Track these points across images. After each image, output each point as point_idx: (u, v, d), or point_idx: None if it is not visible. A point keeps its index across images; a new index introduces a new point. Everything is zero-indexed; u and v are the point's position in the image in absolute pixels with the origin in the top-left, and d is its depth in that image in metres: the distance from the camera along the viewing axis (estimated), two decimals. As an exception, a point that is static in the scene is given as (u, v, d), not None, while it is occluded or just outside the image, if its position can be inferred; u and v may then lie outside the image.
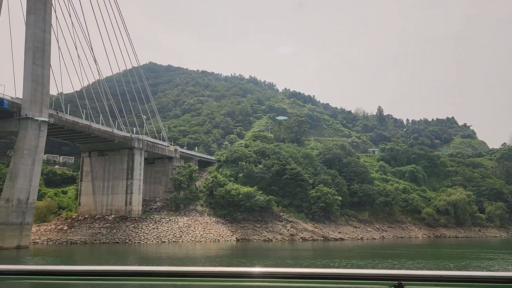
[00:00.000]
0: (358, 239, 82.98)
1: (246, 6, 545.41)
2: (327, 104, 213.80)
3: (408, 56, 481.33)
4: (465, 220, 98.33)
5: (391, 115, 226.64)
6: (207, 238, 72.96)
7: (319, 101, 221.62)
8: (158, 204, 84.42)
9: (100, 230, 70.90)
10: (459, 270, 2.17)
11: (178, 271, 2.16)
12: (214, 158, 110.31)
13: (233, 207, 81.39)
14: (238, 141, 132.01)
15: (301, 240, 77.79)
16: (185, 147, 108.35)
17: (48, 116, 57.61)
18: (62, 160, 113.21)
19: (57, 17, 64.59)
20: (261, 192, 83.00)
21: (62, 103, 64.64)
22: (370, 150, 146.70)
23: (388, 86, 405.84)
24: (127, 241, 68.10)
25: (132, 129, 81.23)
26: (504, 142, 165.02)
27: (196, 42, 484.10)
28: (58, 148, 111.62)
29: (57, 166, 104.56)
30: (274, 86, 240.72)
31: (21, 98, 57.58)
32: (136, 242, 67.92)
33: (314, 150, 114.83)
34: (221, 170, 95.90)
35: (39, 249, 58.93)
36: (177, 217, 77.93)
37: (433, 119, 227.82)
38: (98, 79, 75.47)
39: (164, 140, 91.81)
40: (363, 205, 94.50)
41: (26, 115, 54.67)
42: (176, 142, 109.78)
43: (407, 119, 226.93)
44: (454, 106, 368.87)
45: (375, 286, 2.14)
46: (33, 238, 63.85)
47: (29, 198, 55.00)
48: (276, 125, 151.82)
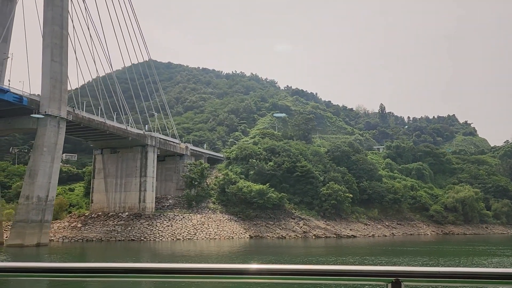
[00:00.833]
0: (369, 236, 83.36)
1: (244, 5, 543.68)
2: (329, 101, 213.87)
3: (407, 55, 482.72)
4: (473, 217, 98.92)
5: (392, 113, 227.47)
6: (221, 236, 73.00)
7: (321, 98, 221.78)
8: (170, 201, 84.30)
9: (114, 227, 70.76)
10: (456, 267, 2.18)
11: (178, 268, 2.16)
12: (222, 155, 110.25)
13: (245, 205, 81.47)
14: (243, 138, 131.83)
15: (314, 237, 78.01)
16: (191, 145, 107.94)
17: (66, 113, 57.34)
18: (65, 157, 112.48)
19: (70, 14, 64.30)
20: (272, 189, 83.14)
21: (77, 100, 64.14)
22: (375, 147, 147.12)
23: (388, 84, 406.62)
24: (142, 238, 68.03)
25: (144, 126, 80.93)
26: (507, 140, 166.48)
27: (192, 40, 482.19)
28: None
29: (60, 164, 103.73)
30: (276, 83, 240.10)
31: (39, 94, 57.22)
32: (151, 239, 67.88)
33: (321, 147, 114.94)
34: (230, 167, 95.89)
35: (57, 247, 58.70)
36: (190, 214, 77.90)
37: (434, 117, 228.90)
38: (104, 74, 74.96)
39: (174, 137, 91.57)
40: (372, 202, 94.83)
41: (45, 112, 54.29)
42: (181, 140, 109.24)
43: (408, 117, 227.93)
44: (455, 103, 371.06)
45: (373, 282, 2.13)
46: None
47: (48, 195, 54.87)
48: (280, 122, 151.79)
